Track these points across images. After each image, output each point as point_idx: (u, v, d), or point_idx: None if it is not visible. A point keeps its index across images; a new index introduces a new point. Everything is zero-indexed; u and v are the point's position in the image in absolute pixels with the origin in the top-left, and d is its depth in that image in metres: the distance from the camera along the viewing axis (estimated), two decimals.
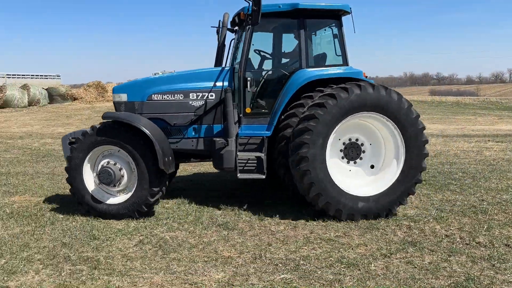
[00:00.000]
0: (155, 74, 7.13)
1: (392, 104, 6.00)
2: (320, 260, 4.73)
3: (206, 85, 6.76)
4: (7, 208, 6.89)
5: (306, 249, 5.05)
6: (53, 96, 35.55)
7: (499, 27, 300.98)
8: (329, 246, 5.14)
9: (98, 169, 6.27)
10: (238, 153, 6.40)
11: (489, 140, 14.70)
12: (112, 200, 6.36)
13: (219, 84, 6.75)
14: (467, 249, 5.01)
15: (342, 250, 5.00)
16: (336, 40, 6.84)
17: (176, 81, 6.85)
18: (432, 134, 15.95)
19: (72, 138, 6.78)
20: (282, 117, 6.45)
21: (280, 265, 4.63)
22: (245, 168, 6.39)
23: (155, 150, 5.97)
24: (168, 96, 6.72)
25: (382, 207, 6.04)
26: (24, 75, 45.85)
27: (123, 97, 6.90)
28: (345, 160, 6.35)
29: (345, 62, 6.67)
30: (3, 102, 30.95)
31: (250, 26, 6.43)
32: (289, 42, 7.34)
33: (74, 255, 4.99)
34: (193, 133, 6.78)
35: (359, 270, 4.48)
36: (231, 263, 4.73)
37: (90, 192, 6.35)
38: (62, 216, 6.45)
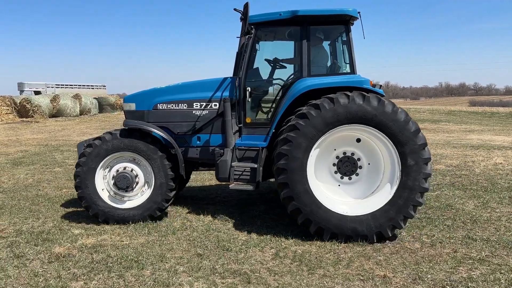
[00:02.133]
0: None
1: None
2: (487, 282, 4.40)
3: (209, 94, 6.74)
4: None
5: (462, 269, 4.74)
6: (102, 105, 36.52)
7: None
8: (485, 267, 4.80)
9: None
10: (233, 163, 6.29)
11: None
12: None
13: (222, 94, 6.70)
14: None
15: (504, 271, 4.65)
16: (344, 47, 6.51)
17: (181, 91, 6.87)
18: (504, 146, 15.26)
19: (87, 144, 6.76)
20: (282, 125, 6.12)
21: (447, 287, 4.34)
22: (239, 178, 6.23)
23: (171, 157, 6.40)
24: (172, 106, 6.80)
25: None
26: (72, 85, 47.30)
27: (132, 106, 7.03)
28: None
29: (353, 70, 6.29)
30: (56, 111, 31.94)
31: (249, 36, 6.32)
32: (295, 51, 6.93)
33: (219, 267, 4.85)
34: (196, 142, 6.79)
35: None
36: (390, 283, 4.46)
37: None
38: (177, 224, 6.38)
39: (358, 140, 5.87)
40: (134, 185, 6.41)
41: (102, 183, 6.47)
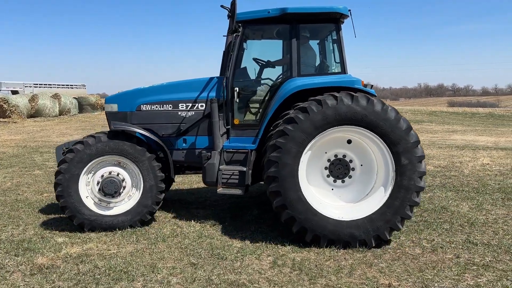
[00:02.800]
0: None
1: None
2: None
3: (196, 95, 6.51)
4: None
5: (468, 276, 4.58)
6: (82, 105, 35.69)
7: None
8: (491, 273, 4.66)
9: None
10: (220, 167, 6.07)
11: None
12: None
13: (209, 94, 6.47)
14: None
15: (510, 277, 4.51)
16: (335, 46, 6.35)
17: (165, 91, 6.63)
18: (489, 146, 15.37)
19: (66, 148, 6.43)
20: (271, 128, 5.92)
21: None
22: (227, 182, 6.00)
23: (161, 160, 6.25)
24: (157, 106, 6.54)
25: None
26: (51, 85, 46.14)
27: (114, 107, 6.73)
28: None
29: (343, 70, 6.13)
30: (35, 111, 31.05)
31: (237, 34, 6.12)
32: (283, 50, 6.84)
33: (215, 278, 4.58)
34: (182, 144, 6.55)
35: None
36: None
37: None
38: (167, 231, 6.09)
39: (349, 142, 5.68)
40: (121, 190, 6.10)
41: (86, 190, 6.10)
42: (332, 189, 5.73)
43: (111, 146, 6.03)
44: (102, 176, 6.08)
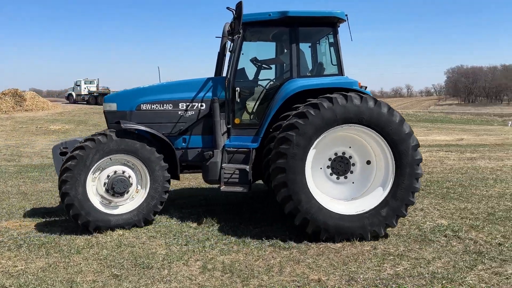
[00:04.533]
0: None
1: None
2: (413, 277, 4.60)
3: (196, 95, 6.62)
4: (8, 236, 5.85)
5: (387, 266, 4.91)
6: None
7: (397, 46, 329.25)
8: (406, 262, 5.04)
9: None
10: (223, 165, 6.25)
11: (439, 150, 15.85)
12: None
13: (209, 94, 6.61)
14: None
15: (423, 265, 4.93)
16: (332, 48, 6.75)
17: (166, 90, 6.74)
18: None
19: (63, 148, 6.37)
20: (271, 128, 6.20)
21: (380, 285, 4.42)
22: (229, 180, 6.20)
23: (166, 158, 6.23)
24: (157, 106, 6.58)
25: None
26: None
27: (113, 106, 6.70)
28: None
29: (341, 72, 6.55)
30: None
31: (238, 36, 6.33)
32: (282, 52, 7.13)
33: None
34: (182, 144, 6.61)
35: (455, 282, 4.44)
36: (326, 286, 4.40)
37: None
38: (80, 242, 5.62)
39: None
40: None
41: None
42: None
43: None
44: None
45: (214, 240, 5.70)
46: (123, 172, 6.07)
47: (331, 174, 5.99)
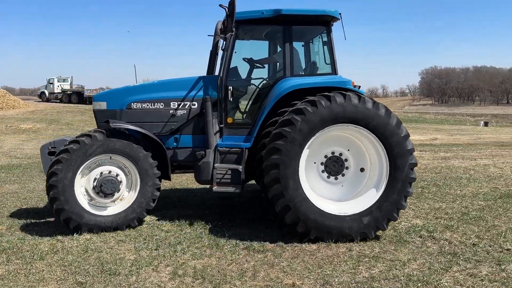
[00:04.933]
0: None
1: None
2: (388, 279, 4.52)
3: (188, 93, 6.48)
4: None
5: (362, 268, 4.81)
6: None
7: (370, 48, 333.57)
8: (381, 264, 4.96)
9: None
10: (215, 165, 6.13)
11: None
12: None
13: (201, 93, 6.48)
14: (508, 255, 5.15)
15: (398, 267, 4.85)
16: (325, 47, 6.67)
17: (157, 89, 6.59)
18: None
19: (52, 147, 6.22)
20: (264, 127, 6.11)
21: None
22: (222, 180, 6.09)
23: (156, 157, 6.11)
24: (147, 105, 6.44)
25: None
26: None
27: (103, 105, 6.56)
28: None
29: (334, 71, 6.48)
30: None
31: (231, 34, 6.21)
32: (275, 50, 7.11)
33: None
34: (173, 143, 6.46)
35: (430, 285, 4.38)
36: None
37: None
38: (44, 247, 5.34)
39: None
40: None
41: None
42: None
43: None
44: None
45: (186, 244, 5.51)
46: (112, 172, 5.93)
47: (323, 172, 5.92)
